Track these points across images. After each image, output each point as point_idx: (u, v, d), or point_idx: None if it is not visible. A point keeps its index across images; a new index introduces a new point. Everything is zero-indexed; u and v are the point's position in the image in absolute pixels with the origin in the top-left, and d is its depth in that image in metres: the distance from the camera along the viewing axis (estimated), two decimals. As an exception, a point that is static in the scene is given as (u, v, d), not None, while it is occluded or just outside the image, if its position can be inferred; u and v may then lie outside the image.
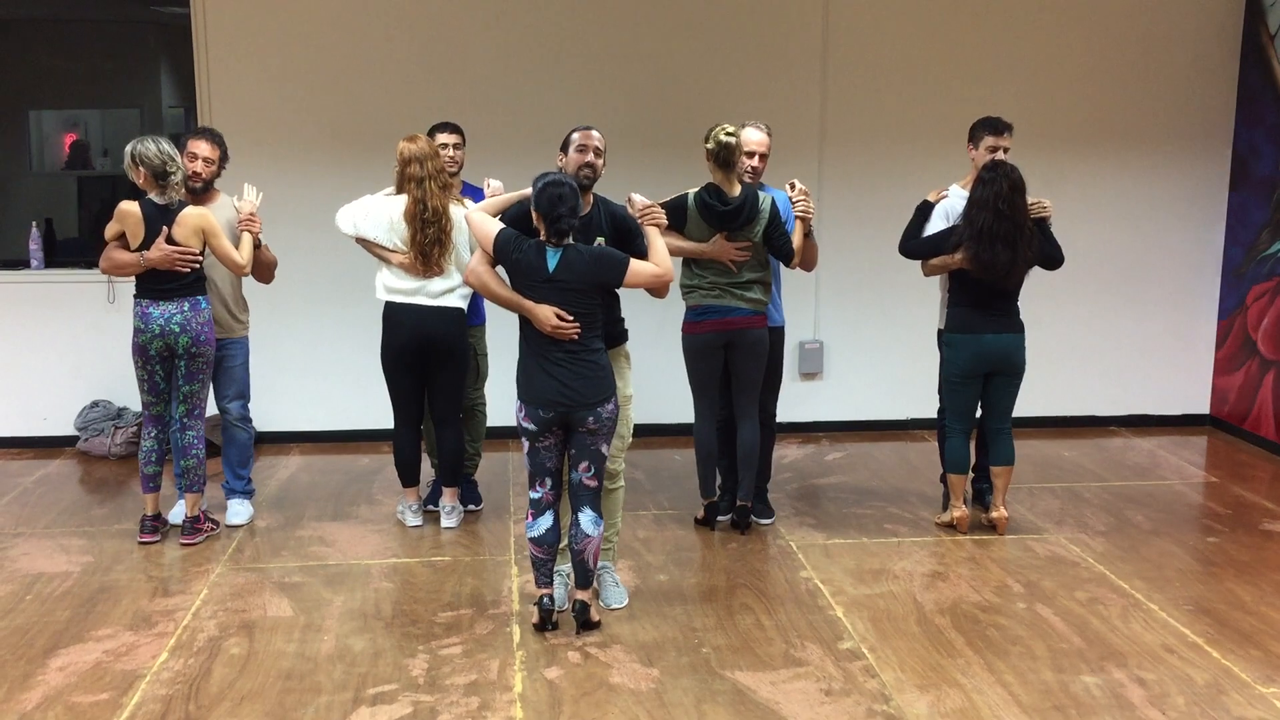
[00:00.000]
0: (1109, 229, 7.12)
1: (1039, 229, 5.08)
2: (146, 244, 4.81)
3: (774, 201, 5.00)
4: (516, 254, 4.03)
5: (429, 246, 4.95)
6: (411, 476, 5.37)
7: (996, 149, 5.12)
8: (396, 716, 3.57)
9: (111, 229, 4.89)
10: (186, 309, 4.88)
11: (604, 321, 4.15)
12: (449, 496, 5.37)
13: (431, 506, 5.49)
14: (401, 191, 5.01)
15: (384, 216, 5.03)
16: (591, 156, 4.21)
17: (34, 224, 6.77)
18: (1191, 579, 4.76)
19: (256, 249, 5.11)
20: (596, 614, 4.23)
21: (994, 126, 5.16)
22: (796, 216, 5.08)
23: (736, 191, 4.90)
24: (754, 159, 5.07)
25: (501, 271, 4.15)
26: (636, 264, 4.09)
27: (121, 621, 4.28)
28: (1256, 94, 6.90)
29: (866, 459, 6.59)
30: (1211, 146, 7.12)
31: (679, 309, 5.12)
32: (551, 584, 4.19)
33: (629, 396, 4.41)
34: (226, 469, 5.43)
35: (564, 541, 4.33)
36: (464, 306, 5.14)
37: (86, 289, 6.56)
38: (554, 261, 3.99)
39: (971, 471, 5.40)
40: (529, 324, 4.07)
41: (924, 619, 4.33)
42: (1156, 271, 7.24)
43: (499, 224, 4.13)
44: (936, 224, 5.20)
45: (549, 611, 4.15)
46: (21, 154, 7.41)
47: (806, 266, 5.27)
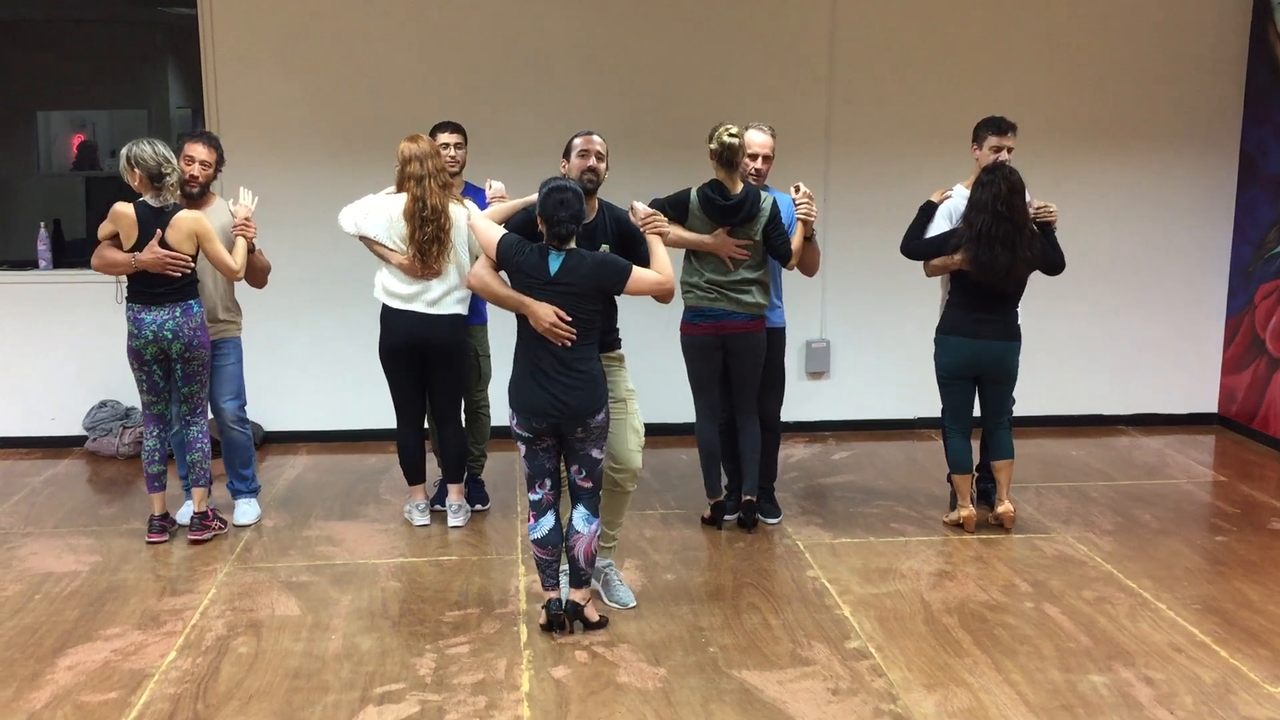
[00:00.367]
0: (1116, 228, 7.11)
1: (1043, 233, 5.08)
2: (140, 246, 4.81)
3: (774, 201, 5.00)
4: (519, 257, 4.04)
5: (427, 244, 4.95)
6: (416, 475, 5.38)
7: (1000, 149, 5.11)
8: (404, 715, 3.58)
9: (105, 229, 4.89)
10: (178, 314, 4.88)
11: (601, 330, 4.15)
12: (454, 494, 5.38)
13: (438, 506, 5.51)
14: (402, 190, 5.03)
15: (384, 214, 5.04)
16: (594, 161, 4.21)
17: (42, 224, 6.79)
18: (1199, 578, 4.75)
19: (250, 254, 5.12)
20: (594, 613, 4.22)
21: (997, 126, 5.15)
22: (799, 219, 5.08)
23: (738, 189, 4.90)
24: (757, 161, 5.07)
25: (505, 277, 4.16)
26: (639, 271, 4.09)
27: (130, 621, 4.29)
28: (1264, 92, 6.88)
29: (873, 458, 6.59)
30: (1219, 144, 7.10)
31: (680, 308, 5.11)
32: (558, 586, 4.20)
33: (632, 390, 4.38)
34: (228, 471, 5.43)
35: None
36: (462, 311, 5.13)
37: (94, 289, 6.57)
38: (556, 265, 4.00)
39: (976, 470, 5.40)
40: (525, 329, 4.07)
41: (931, 618, 4.32)
42: (1164, 270, 7.23)
43: (502, 230, 4.14)
44: (940, 225, 5.19)
45: (557, 615, 4.15)
46: (29, 155, 7.44)
47: (807, 271, 5.26)
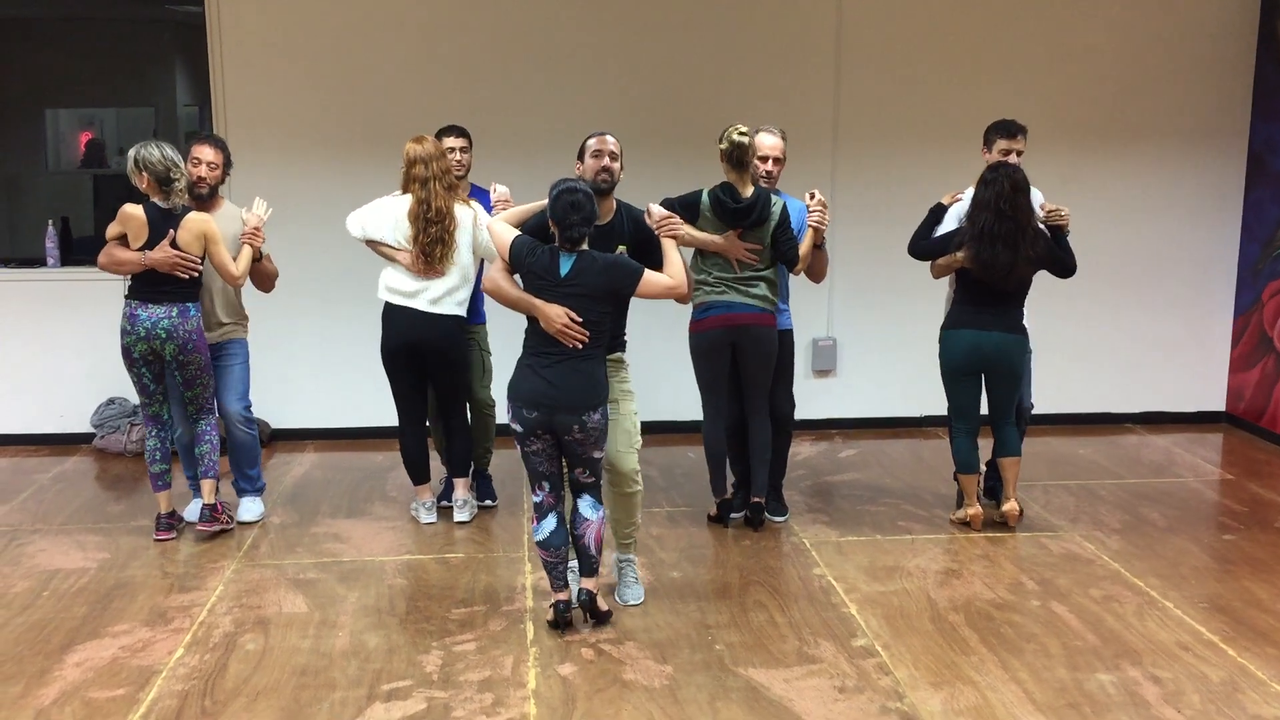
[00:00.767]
0: (1124, 226, 7.09)
1: (1054, 236, 5.06)
2: (149, 247, 4.82)
3: (784, 206, 5.00)
4: (530, 259, 4.04)
5: (431, 246, 4.97)
6: (421, 475, 5.38)
7: (1009, 152, 5.09)
8: (410, 712, 3.58)
9: (113, 229, 4.90)
10: (175, 314, 4.88)
11: (610, 333, 4.15)
12: (461, 489, 5.39)
13: (445, 502, 5.51)
14: (407, 191, 5.04)
15: (389, 216, 5.06)
16: (607, 161, 4.20)
17: (50, 223, 6.81)
18: (1207, 576, 4.74)
19: (257, 261, 5.14)
20: (604, 604, 4.23)
21: (1007, 130, 5.13)
22: (810, 226, 5.08)
23: (749, 192, 4.89)
24: (768, 163, 5.06)
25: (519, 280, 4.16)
26: (650, 274, 4.08)
27: (138, 617, 4.30)
28: (1273, 90, 6.86)
29: (880, 456, 6.58)
30: (1227, 142, 7.08)
31: (688, 307, 5.11)
32: (566, 587, 4.19)
33: (628, 391, 4.35)
34: (234, 470, 5.45)
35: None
36: (461, 313, 5.14)
37: (102, 287, 6.58)
38: (567, 267, 4.00)
39: (980, 471, 5.38)
40: (533, 327, 4.07)
41: (938, 616, 4.32)
42: (1172, 268, 7.21)
43: (516, 232, 4.15)
44: (949, 226, 5.18)
45: (565, 615, 4.15)
46: (37, 153, 7.45)
47: (815, 277, 5.27)
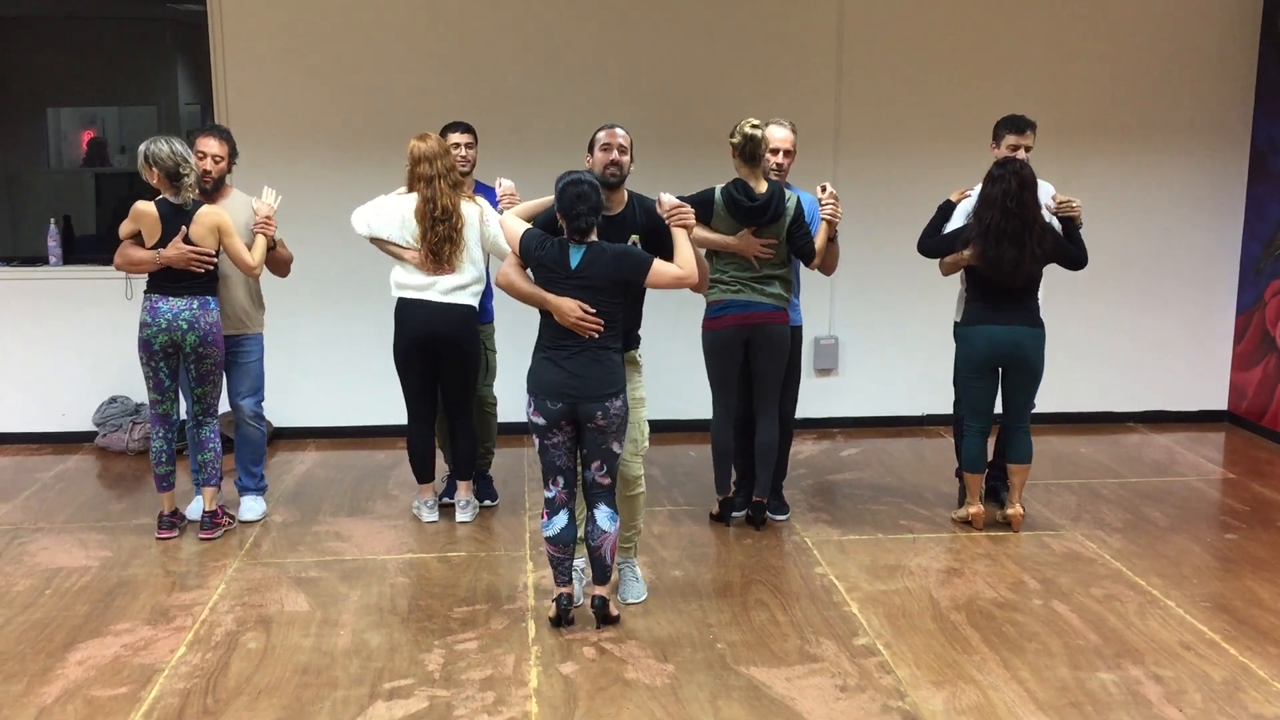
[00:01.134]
0: (1126, 224, 7.08)
1: (1066, 229, 5.05)
2: (163, 243, 4.84)
3: (799, 200, 5.00)
4: (540, 252, 4.05)
5: (439, 244, 4.97)
6: (426, 473, 5.38)
7: (1018, 147, 5.09)
8: (412, 711, 3.59)
9: (126, 228, 4.91)
10: (195, 307, 4.90)
11: (625, 325, 4.15)
12: (463, 490, 5.39)
13: (447, 500, 5.52)
14: (412, 190, 5.03)
15: (395, 214, 5.05)
16: (616, 154, 4.19)
17: (52, 221, 6.81)
18: (1209, 576, 4.74)
19: (271, 249, 5.15)
20: (615, 609, 4.23)
21: (1016, 125, 5.13)
22: (823, 219, 5.08)
23: (763, 188, 4.88)
24: (779, 155, 5.07)
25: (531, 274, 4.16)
26: (660, 264, 4.07)
27: (140, 616, 4.30)
28: (1275, 87, 6.86)
29: (881, 455, 6.58)
30: (1230, 141, 7.08)
31: (694, 304, 5.11)
32: (570, 582, 4.20)
33: (641, 399, 4.38)
34: (239, 467, 5.45)
35: (580, 533, 4.34)
36: (474, 304, 5.15)
37: (104, 285, 6.59)
38: (577, 258, 4.00)
39: (986, 471, 5.38)
40: (548, 320, 4.07)
41: (939, 615, 4.32)
42: (1174, 267, 7.21)
43: (526, 225, 4.15)
44: (958, 224, 5.17)
45: (566, 610, 4.16)
46: (39, 151, 7.45)
47: (826, 270, 5.26)
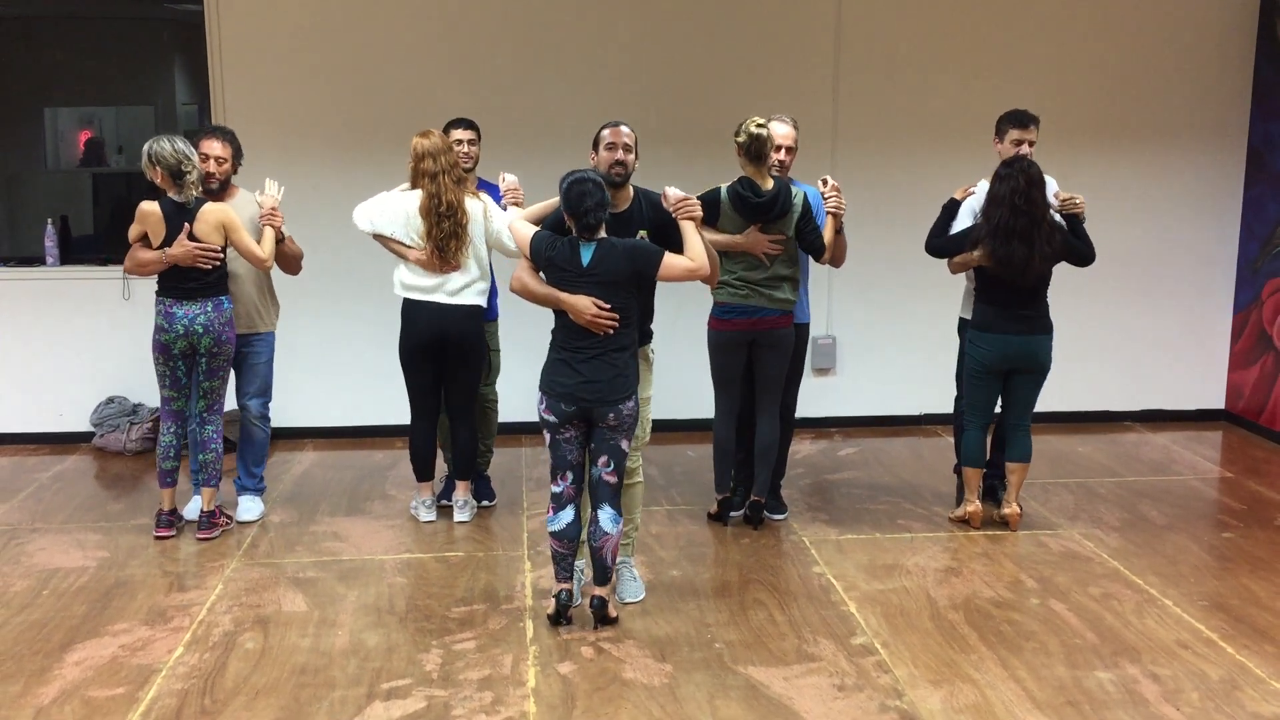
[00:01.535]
0: (1124, 223, 7.08)
1: (1071, 225, 5.06)
2: (168, 242, 4.85)
3: (805, 196, 5.00)
4: (550, 252, 4.05)
5: (444, 241, 4.96)
6: (426, 471, 5.38)
7: (1022, 142, 5.09)
8: (410, 711, 3.59)
9: (134, 230, 4.94)
10: (210, 309, 4.92)
11: (639, 320, 4.16)
12: (461, 490, 5.39)
13: (445, 501, 5.52)
14: (416, 187, 5.03)
15: (400, 212, 5.04)
16: (621, 153, 4.19)
17: (49, 221, 6.80)
18: (1206, 574, 4.74)
19: (280, 243, 5.14)
20: (614, 610, 4.24)
21: (1019, 120, 5.13)
22: (828, 212, 5.08)
23: (769, 185, 4.89)
24: (780, 152, 5.07)
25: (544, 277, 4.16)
26: (671, 257, 4.08)
27: (137, 616, 4.30)
28: (1272, 87, 6.86)
29: (879, 454, 6.59)
30: (1227, 140, 7.08)
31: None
32: (571, 579, 4.20)
33: (647, 398, 4.40)
34: (240, 466, 5.45)
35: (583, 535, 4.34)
36: (482, 303, 5.15)
37: (102, 286, 6.59)
38: (588, 256, 4.01)
39: (986, 466, 5.39)
40: (562, 320, 4.08)
41: (937, 614, 4.32)
42: (1171, 266, 7.21)
43: (535, 228, 4.16)
44: (964, 222, 5.16)
45: (565, 606, 4.16)
46: (37, 151, 7.44)
47: (836, 263, 5.26)
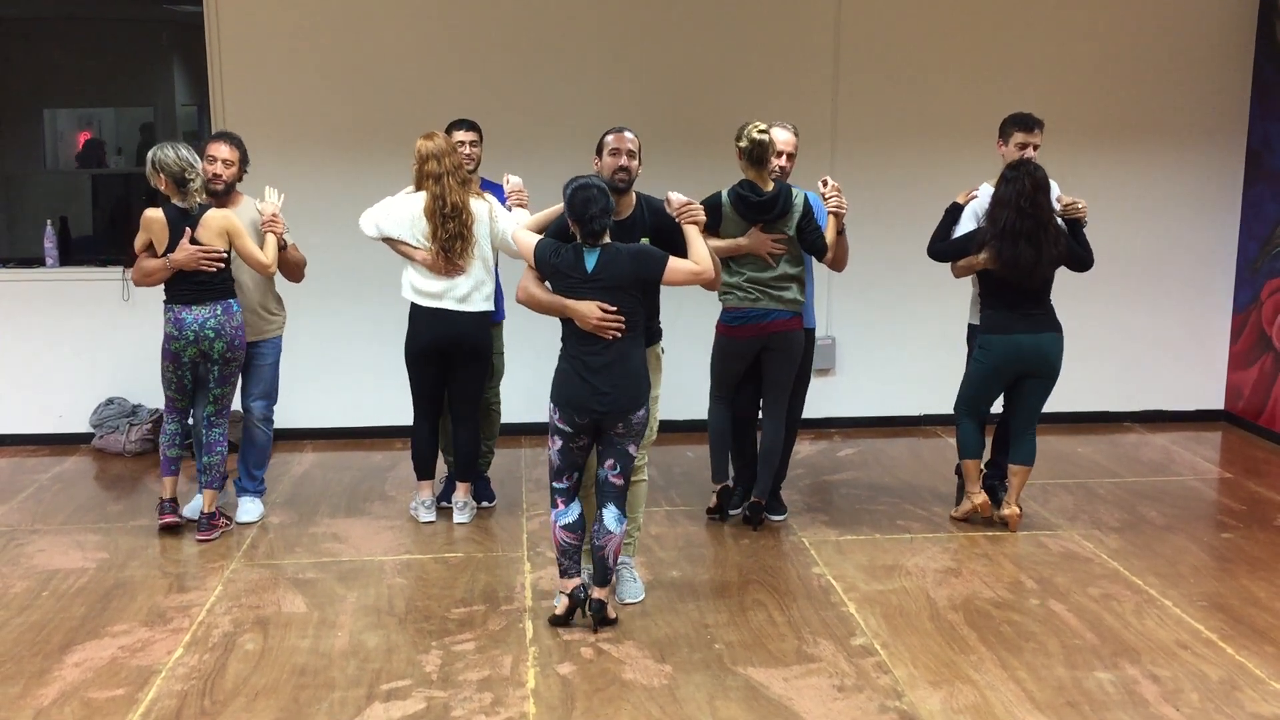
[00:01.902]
0: (1123, 224, 7.08)
1: (1071, 230, 5.06)
2: (171, 249, 4.86)
3: (806, 197, 5.01)
4: (555, 259, 4.06)
5: (450, 242, 4.97)
6: (427, 470, 5.39)
7: (1026, 145, 5.09)
8: (410, 712, 3.59)
9: (140, 239, 4.96)
10: (220, 312, 4.93)
11: (644, 321, 4.16)
12: (462, 492, 5.39)
13: (445, 503, 5.52)
14: (420, 189, 5.04)
15: (405, 214, 5.05)
16: (625, 159, 4.19)
17: (49, 222, 6.80)
18: (1206, 575, 4.74)
19: (282, 250, 5.15)
20: (613, 611, 4.23)
21: (1024, 123, 5.12)
22: (829, 213, 5.08)
23: (769, 187, 4.90)
24: (781, 158, 5.07)
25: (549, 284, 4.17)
26: (675, 261, 4.09)
27: (137, 617, 4.30)
28: (1271, 87, 6.87)
29: (879, 455, 6.59)
30: (1226, 140, 7.09)
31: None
32: (580, 572, 4.20)
33: (656, 396, 4.40)
34: (241, 468, 5.45)
35: (584, 543, 4.35)
36: (489, 308, 5.16)
37: (101, 287, 6.59)
38: (593, 261, 4.01)
39: (985, 468, 5.39)
40: (570, 327, 4.08)
41: (937, 615, 4.32)
42: (1171, 266, 7.21)
43: (539, 237, 4.16)
44: (967, 225, 5.16)
45: (583, 601, 4.15)
46: (36, 152, 7.44)
47: (837, 266, 5.25)
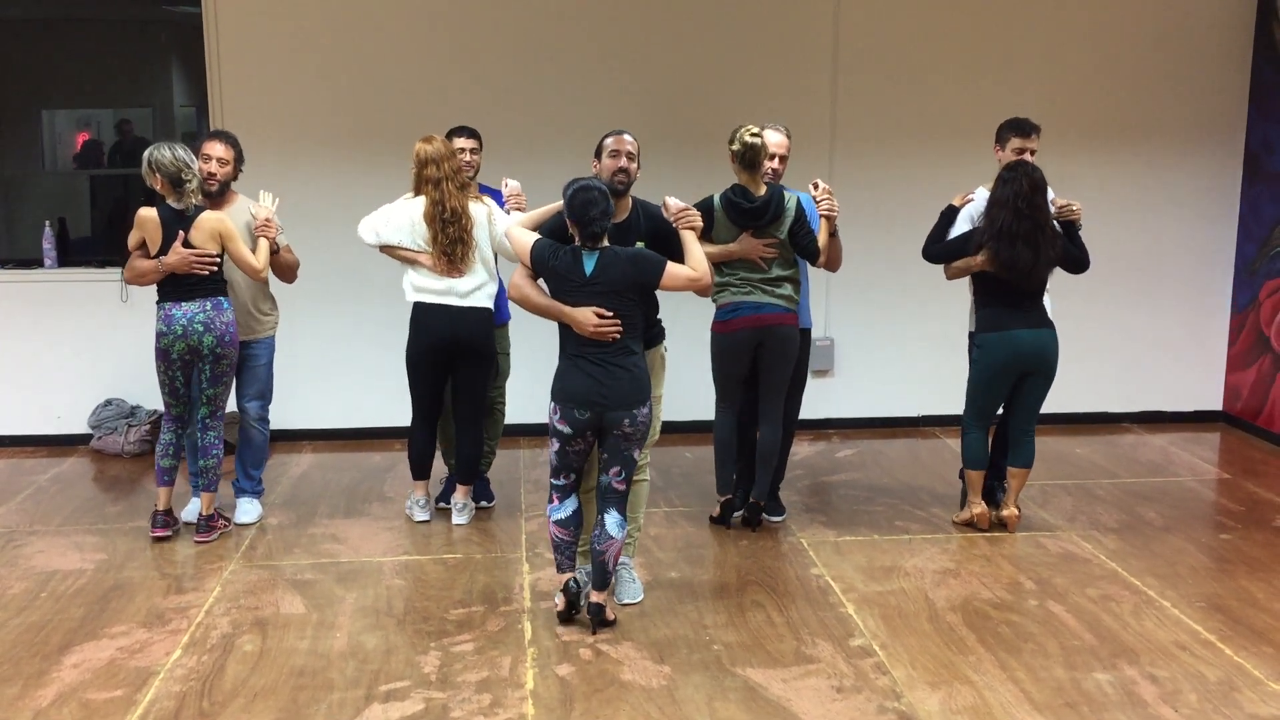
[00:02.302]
0: (1122, 225, 7.09)
1: (1067, 232, 5.06)
2: (164, 249, 4.85)
3: (799, 200, 5.01)
4: (553, 261, 4.05)
5: (451, 246, 4.97)
6: (423, 470, 5.38)
7: (1023, 151, 5.07)
8: (409, 713, 3.59)
9: (133, 238, 4.95)
10: (209, 308, 4.92)
11: (643, 324, 4.16)
12: (461, 493, 5.39)
13: (443, 504, 5.51)
14: (419, 193, 5.03)
15: (405, 219, 5.05)
16: (624, 161, 4.20)
17: (47, 223, 6.80)
18: (1204, 576, 4.74)
19: (275, 253, 5.14)
20: (612, 613, 4.23)
21: (1021, 128, 5.11)
22: (821, 215, 5.08)
23: (762, 192, 4.90)
24: (774, 161, 5.07)
25: (543, 284, 4.16)
26: (673, 266, 4.09)
27: (135, 619, 4.30)
28: (1269, 88, 6.87)
29: (877, 456, 6.59)
30: (1225, 141, 7.09)
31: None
32: (574, 566, 4.20)
33: (658, 397, 4.41)
34: (239, 468, 5.45)
35: (583, 545, 4.36)
36: (491, 306, 5.16)
37: (100, 288, 6.59)
38: (591, 265, 4.00)
39: (988, 468, 5.39)
40: (568, 329, 4.08)
41: (935, 616, 4.32)
42: (1169, 267, 7.22)
43: (535, 235, 4.15)
44: (962, 228, 5.15)
45: (577, 595, 4.15)
46: (34, 153, 7.43)
47: (831, 267, 5.24)
